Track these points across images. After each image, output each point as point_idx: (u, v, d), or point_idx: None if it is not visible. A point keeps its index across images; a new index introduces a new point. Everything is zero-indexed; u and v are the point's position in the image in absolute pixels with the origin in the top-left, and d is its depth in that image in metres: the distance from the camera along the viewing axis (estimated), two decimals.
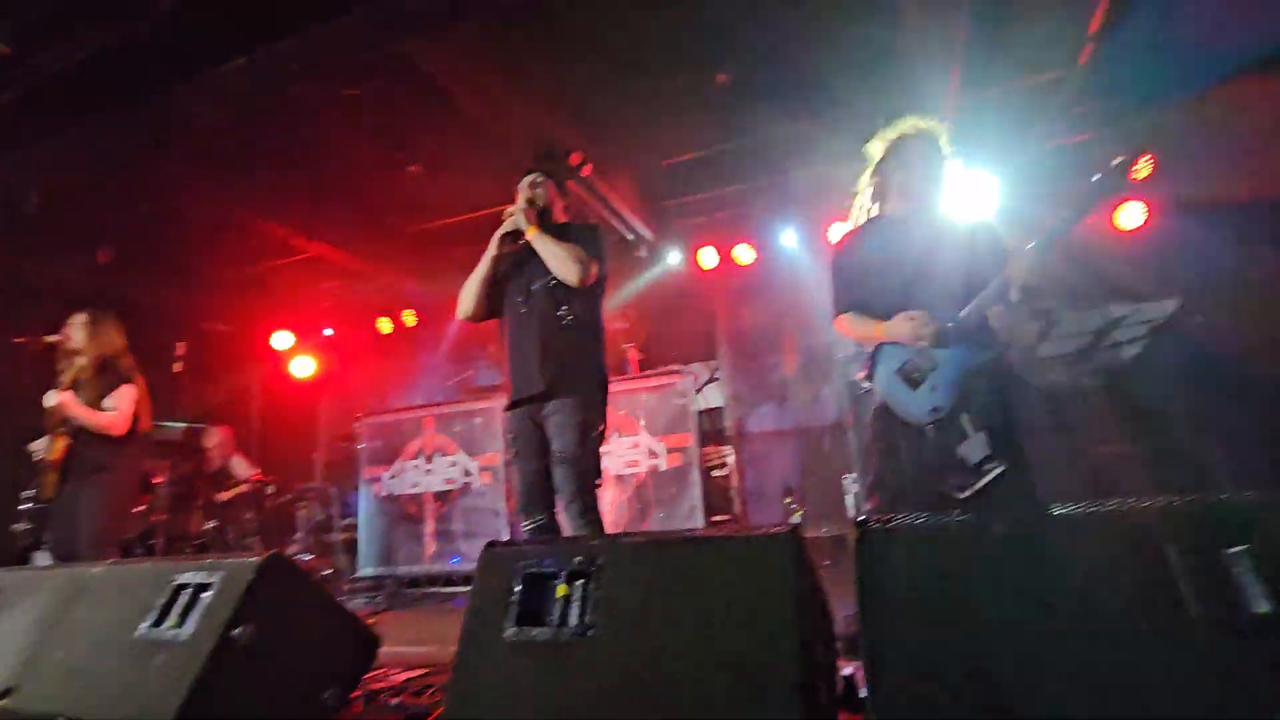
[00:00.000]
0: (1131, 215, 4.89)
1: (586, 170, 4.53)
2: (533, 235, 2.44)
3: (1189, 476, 3.99)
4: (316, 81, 3.65)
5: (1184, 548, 1.03)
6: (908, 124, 2.22)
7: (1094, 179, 1.84)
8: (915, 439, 2.01)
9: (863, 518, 1.26)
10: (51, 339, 3.36)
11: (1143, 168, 1.85)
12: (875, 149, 2.28)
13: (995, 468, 1.84)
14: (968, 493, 1.88)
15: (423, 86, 3.67)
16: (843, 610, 1.54)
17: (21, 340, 3.40)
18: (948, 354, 2.01)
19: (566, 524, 2.35)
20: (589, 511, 2.29)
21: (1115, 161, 1.83)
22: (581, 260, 2.39)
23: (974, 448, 1.87)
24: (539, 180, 2.61)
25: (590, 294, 2.48)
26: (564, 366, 2.36)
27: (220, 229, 5.20)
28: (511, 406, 2.46)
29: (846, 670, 1.45)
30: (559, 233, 2.50)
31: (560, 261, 2.39)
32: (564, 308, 2.40)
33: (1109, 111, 4.30)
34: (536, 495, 2.41)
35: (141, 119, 3.62)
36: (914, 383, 2.03)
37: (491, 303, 2.59)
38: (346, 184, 4.96)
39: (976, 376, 1.98)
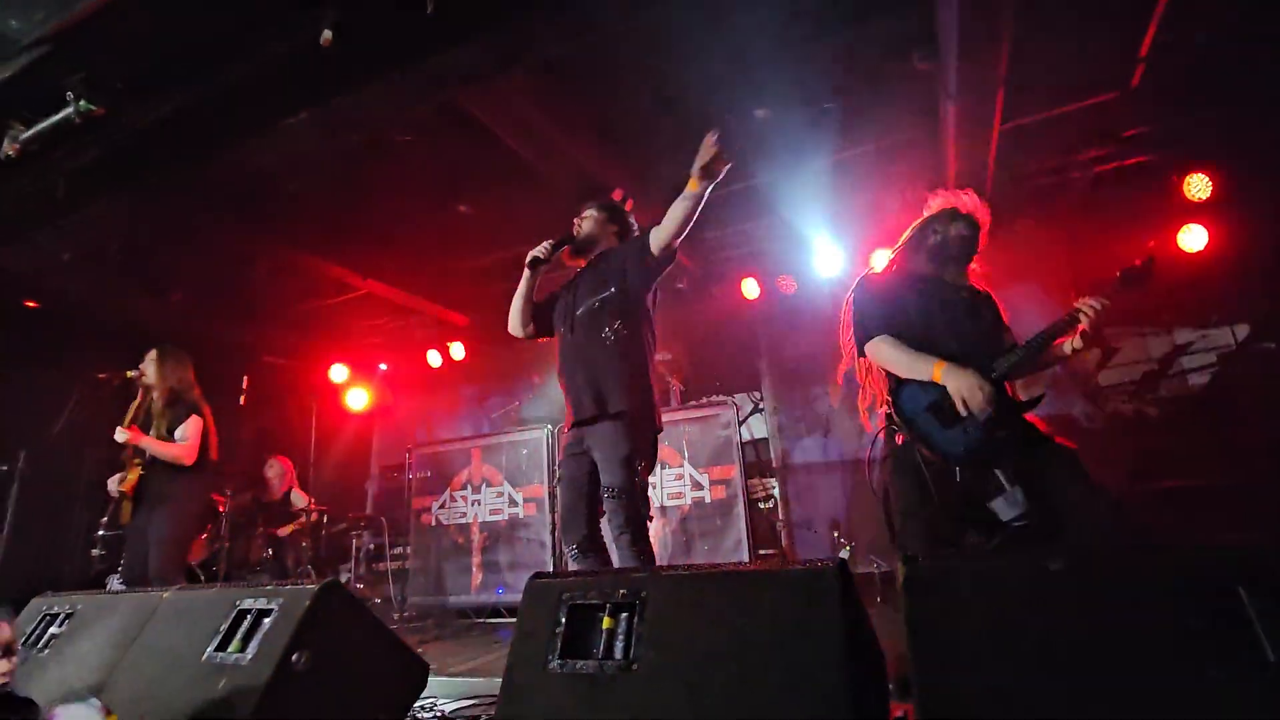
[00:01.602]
0: (1195, 237, 4.64)
1: (629, 205, 4.63)
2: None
3: (1264, 513, 3.73)
4: (372, 130, 3.86)
5: (1258, 589, 0.98)
6: (967, 203, 2.33)
7: (1122, 272, 2.03)
8: (942, 485, 1.95)
9: (912, 554, 1.23)
10: (130, 374, 3.60)
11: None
12: (935, 203, 2.37)
13: (1024, 523, 1.80)
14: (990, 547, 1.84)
15: (471, 130, 3.84)
16: (894, 650, 1.50)
17: (104, 376, 3.64)
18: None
19: (616, 555, 2.37)
20: (639, 543, 2.30)
21: (1143, 260, 2.02)
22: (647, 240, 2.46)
23: (1008, 504, 1.82)
24: (587, 214, 2.74)
25: (634, 313, 2.49)
26: (606, 387, 2.39)
27: (281, 269, 5.49)
28: (571, 428, 2.52)
29: (898, 714, 1.41)
30: (603, 258, 2.62)
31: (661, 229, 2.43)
32: (606, 329, 2.45)
33: (1162, 134, 4.19)
34: (571, 523, 2.46)
35: (211, 169, 3.88)
36: (948, 420, 1.99)
37: (538, 323, 2.72)
38: (399, 224, 5.18)
39: (1004, 427, 1.95)
